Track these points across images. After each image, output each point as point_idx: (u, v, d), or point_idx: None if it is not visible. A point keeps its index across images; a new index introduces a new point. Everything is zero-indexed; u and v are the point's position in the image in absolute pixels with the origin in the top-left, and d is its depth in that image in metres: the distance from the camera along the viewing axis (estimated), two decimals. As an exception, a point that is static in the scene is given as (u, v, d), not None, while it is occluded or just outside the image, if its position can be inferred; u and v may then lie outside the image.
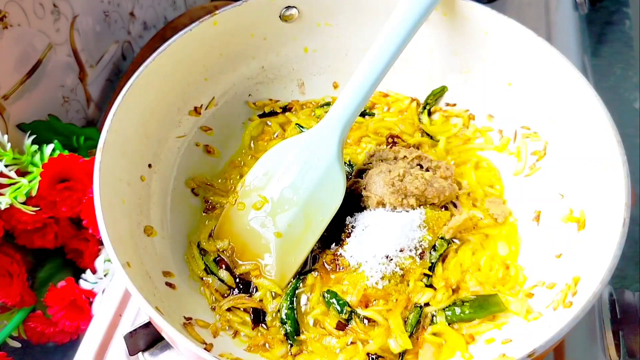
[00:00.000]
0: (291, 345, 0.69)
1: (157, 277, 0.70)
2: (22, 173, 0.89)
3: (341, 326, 0.69)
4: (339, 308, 0.69)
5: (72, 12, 1.03)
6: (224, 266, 0.75)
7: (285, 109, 0.90)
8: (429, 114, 0.87)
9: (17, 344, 0.91)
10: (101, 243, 0.91)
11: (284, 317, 0.70)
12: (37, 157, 0.90)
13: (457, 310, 0.69)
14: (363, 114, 0.88)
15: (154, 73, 0.75)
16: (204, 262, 0.75)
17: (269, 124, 0.89)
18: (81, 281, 0.90)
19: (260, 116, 0.89)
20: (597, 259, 0.60)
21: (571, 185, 0.72)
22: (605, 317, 0.75)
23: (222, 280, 0.74)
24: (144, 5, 1.25)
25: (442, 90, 0.87)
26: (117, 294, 0.81)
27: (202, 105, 0.85)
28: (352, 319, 0.69)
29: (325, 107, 0.89)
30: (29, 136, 0.92)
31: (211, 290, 0.73)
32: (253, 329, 0.70)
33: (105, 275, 0.90)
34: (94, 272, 0.90)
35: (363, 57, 0.76)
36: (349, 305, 0.69)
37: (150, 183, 0.77)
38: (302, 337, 0.70)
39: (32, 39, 0.95)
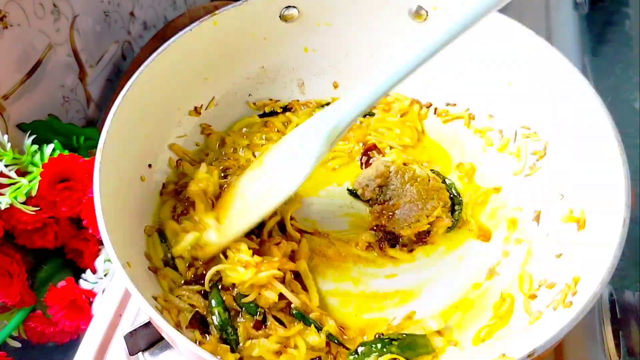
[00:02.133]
0: (233, 351, 0.66)
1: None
2: (22, 173, 0.89)
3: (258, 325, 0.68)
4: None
5: (72, 12, 1.03)
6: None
7: (286, 108, 0.90)
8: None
9: (17, 344, 0.91)
10: (101, 243, 0.91)
11: (217, 323, 0.68)
12: (37, 157, 0.90)
13: (384, 348, 0.66)
14: (363, 114, 0.88)
15: (154, 73, 0.75)
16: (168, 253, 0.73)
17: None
18: (81, 281, 0.90)
19: (261, 116, 0.89)
20: (597, 259, 0.60)
21: (571, 185, 0.72)
22: (605, 317, 0.75)
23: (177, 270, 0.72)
24: (144, 5, 1.25)
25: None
26: (117, 294, 0.81)
27: (202, 105, 0.85)
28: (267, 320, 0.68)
29: (325, 107, 0.89)
30: (29, 136, 0.92)
31: (167, 280, 0.71)
32: (188, 326, 0.67)
33: (105, 275, 0.90)
34: (94, 272, 0.90)
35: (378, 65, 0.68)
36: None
37: (150, 183, 0.77)
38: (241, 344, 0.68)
39: (32, 39, 0.95)
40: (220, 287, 0.70)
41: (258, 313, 0.68)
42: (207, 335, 0.67)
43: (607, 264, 0.58)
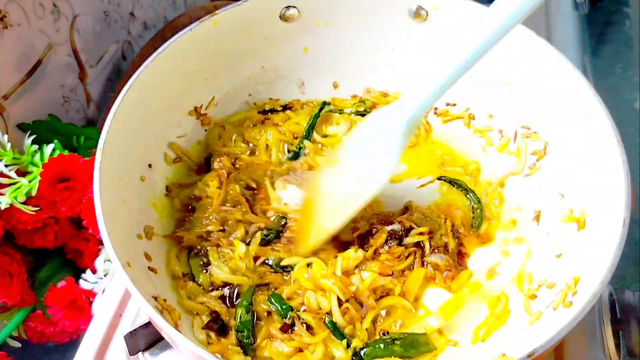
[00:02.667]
0: (246, 354, 0.67)
1: (157, 277, 0.70)
2: (22, 173, 0.89)
3: (285, 328, 0.68)
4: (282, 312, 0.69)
5: (72, 12, 1.03)
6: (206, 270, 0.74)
7: (286, 107, 0.90)
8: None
9: (17, 344, 0.91)
10: (101, 243, 0.91)
11: (239, 324, 0.68)
12: (37, 157, 0.90)
13: (387, 348, 0.66)
14: (363, 114, 0.88)
15: (154, 73, 0.75)
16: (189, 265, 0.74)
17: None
18: (81, 281, 0.90)
19: (260, 113, 0.89)
20: (597, 259, 0.60)
21: (571, 185, 0.72)
22: (605, 317, 0.75)
23: (201, 285, 0.72)
24: (144, 5, 1.25)
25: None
26: (117, 294, 0.81)
27: (202, 105, 0.85)
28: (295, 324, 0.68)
29: (325, 106, 0.89)
30: (29, 136, 0.92)
31: (186, 289, 0.72)
32: (204, 328, 0.68)
33: (105, 275, 0.90)
34: (94, 272, 0.90)
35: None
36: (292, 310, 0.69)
37: (150, 183, 0.77)
38: (258, 343, 0.68)
39: (32, 39, 0.95)
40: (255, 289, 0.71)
41: (288, 316, 0.68)
42: (220, 338, 0.67)
43: (607, 264, 0.58)
